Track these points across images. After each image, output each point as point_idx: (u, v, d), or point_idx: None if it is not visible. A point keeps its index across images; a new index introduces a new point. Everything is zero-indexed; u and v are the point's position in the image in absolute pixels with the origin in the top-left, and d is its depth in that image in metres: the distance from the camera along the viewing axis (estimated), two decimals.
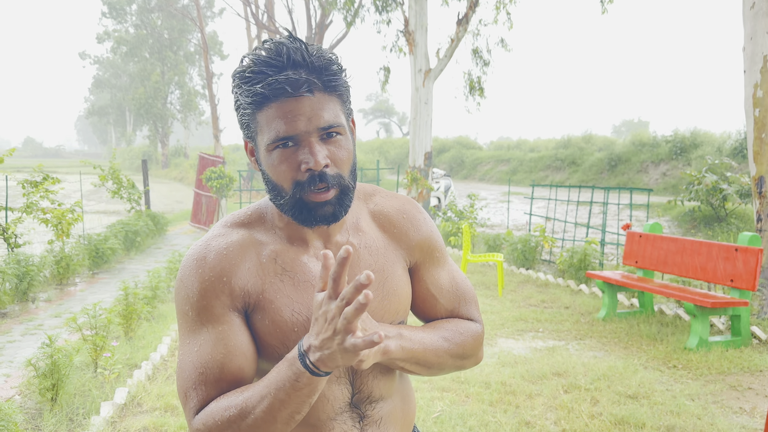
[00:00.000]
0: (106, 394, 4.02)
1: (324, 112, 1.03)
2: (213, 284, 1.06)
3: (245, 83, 1.04)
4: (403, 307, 1.19)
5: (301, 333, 1.08)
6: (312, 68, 1.03)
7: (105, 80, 57.65)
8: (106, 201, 20.49)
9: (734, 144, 18.73)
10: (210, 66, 25.06)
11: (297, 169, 1.04)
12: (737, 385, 4.40)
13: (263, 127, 1.05)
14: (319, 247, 1.14)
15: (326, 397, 1.12)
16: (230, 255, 1.09)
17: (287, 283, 1.10)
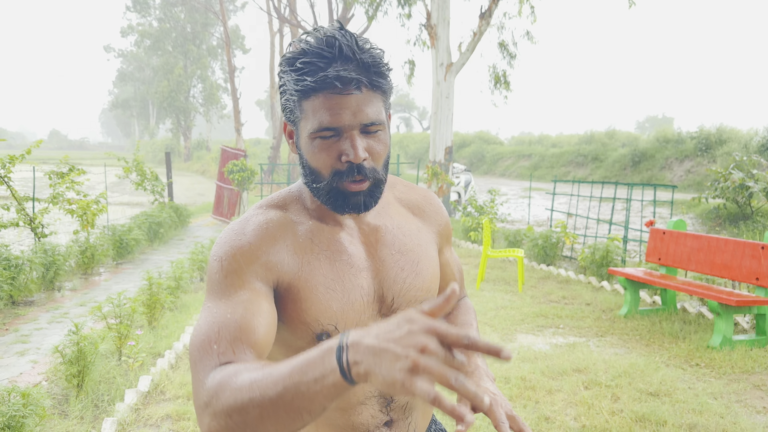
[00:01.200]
0: (130, 382, 4.09)
1: (368, 108, 1.06)
2: (247, 253, 1.06)
3: (295, 71, 1.05)
4: (434, 285, 1.22)
5: (335, 309, 1.09)
6: (361, 65, 1.05)
7: (129, 73, 58.28)
8: (130, 193, 20.75)
9: (761, 141, 18.39)
10: (232, 60, 25.20)
11: (337, 159, 1.07)
12: (761, 385, 4.34)
13: (308, 115, 1.06)
14: (352, 226, 1.16)
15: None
16: (269, 230, 1.10)
17: (323, 261, 1.11)
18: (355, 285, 1.11)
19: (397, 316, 0.77)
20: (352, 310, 1.10)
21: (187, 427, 3.54)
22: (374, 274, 1.14)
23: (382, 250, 1.15)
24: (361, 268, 1.13)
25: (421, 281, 1.18)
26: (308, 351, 0.83)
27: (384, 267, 1.15)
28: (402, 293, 1.15)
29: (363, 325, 1.11)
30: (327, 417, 1.16)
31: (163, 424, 3.61)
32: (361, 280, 1.12)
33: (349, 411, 1.15)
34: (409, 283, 1.16)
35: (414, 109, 70.71)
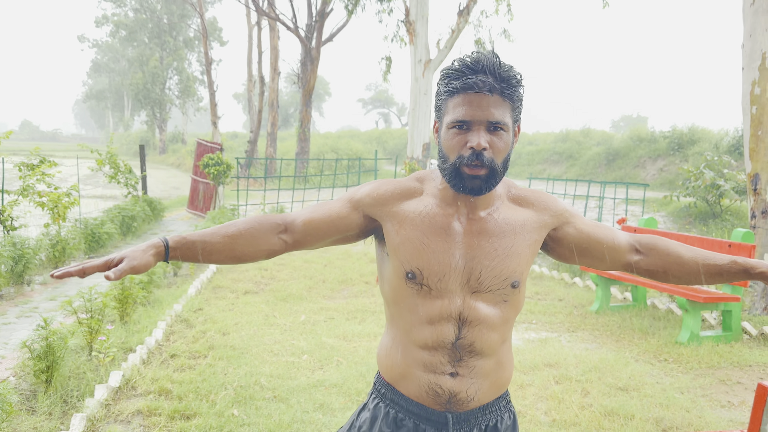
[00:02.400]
0: (100, 377, 4.05)
1: (495, 110, 1.33)
2: (366, 190, 1.48)
3: (447, 78, 1.37)
4: (521, 267, 1.44)
5: (419, 259, 1.39)
6: (498, 77, 1.34)
7: (103, 64, 57.38)
8: (103, 186, 20.44)
9: (731, 141, 18.76)
10: (209, 52, 24.94)
11: (463, 146, 1.35)
12: (726, 380, 4.45)
13: (449, 110, 1.36)
14: (463, 213, 1.44)
15: (437, 329, 1.40)
16: (396, 188, 1.47)
17: (426, 224, 1.41)
18: (446, 251, 1.40)
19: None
20: (437, 266, 1.39)
21: (158, 423, 3.52)
22: (466, 252, 1.41)
23: (481, 237, 1.42)
24: (456, 243, 1.41)
25: (509, 261, 1.42)
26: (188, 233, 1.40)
27: (478, 251, 1.41)
28: (486, 271, 1.40)
29: (446, 282, 1.40)
30: (410, 349, 1.43)
31: (134, 419, 3.58)
32: (454, 251, 1.40)
33: (427, 350, 1.41)
34: (495, 264, 1.41)
35: (393, 105, 70.70)
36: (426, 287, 1.39)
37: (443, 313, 1.39)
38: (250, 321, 5.61)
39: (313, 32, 22.72)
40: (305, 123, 23.21)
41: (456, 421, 1.43)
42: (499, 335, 1.44)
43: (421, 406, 1.44)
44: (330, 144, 28.67)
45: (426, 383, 1.41)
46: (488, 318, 1.41)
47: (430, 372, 1.41)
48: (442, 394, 1.41)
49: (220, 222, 10.40)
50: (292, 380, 4.22)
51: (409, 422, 1.45)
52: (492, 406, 1.48)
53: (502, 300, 1.42)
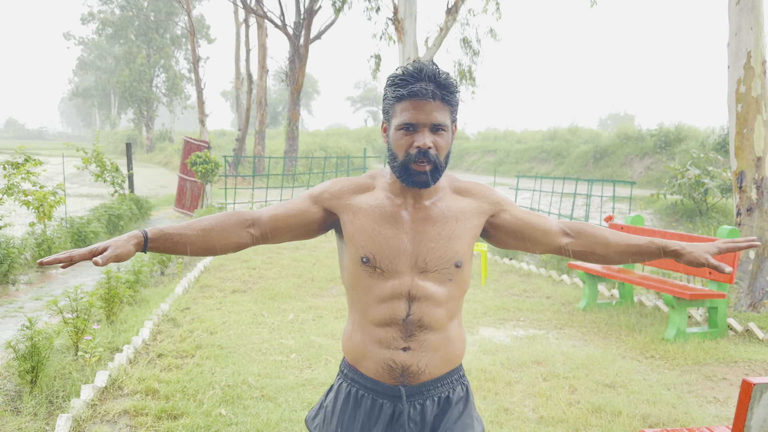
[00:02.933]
0: (86, 377, 4.01)
1: (437, 114, 1.52)
2: (325, 186, 1.65)
3: (394, 85, 1.54)
4: (463, 249, 1.60)
5: (372, 245, 1.56)
6: (438, 84, 1.53)
7: (90, 62, 56.87)
8: (89, 184, 20.28)
9: (717, 139, 18.91)
10: (197, 50, 24.77)
11: (410, 145, 1.53)
12: (712, 376, 4.49)
13: (397, 114, 1.54)
14: (410, 204, 1.61)
15: (390, 307, 1.56)
16: (351, 183, 1.66)
17: (377, 214, 1.59)
18: (395, 237, 1.57)
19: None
20: (388, 250, 1.56)
21: (145, 423, 3.49)
22: (414, 237, 1.57)
23: (426, 223, 1.58)
24: (404, 230, 1.58)
25: (452, 244, 1.58)
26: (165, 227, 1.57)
27: (424, 235, 1.57)
28: (431, 253, 1.56)
29: (396, 264, 1.55)
30: (367, 328, 1.59)
31: (121, 419, 3.56)
32: (402, 236, 1.57)
33: (381, 327, 1.57)
34: (438, 247, 1.57)
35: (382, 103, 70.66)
36: (379, 269, 1.55)
37: (394, 292, 1.55)
38: (238, 320, 5.59)
39: (301, 30, 22.65)
40: (294, 121, 23.15)
41: (409, 394, 1.57)
42: (445, 311, 1.59)
43: (377, 383, 1.59)
44: (319, 142, 28.62)
45: (381, 359, 1.56)
46: (434, 295, 1.56)
47: (384, 348, 1.56)
48: (396, 368, 1.56)
49: None
50: (280, 379, 4.20)
51: (368, 398, 1.61)
52: (444, 379, 1.62)
53: (447, 279, 1.57)
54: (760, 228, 6.24)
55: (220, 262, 8.20)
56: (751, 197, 6.29)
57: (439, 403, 1.61)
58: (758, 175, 6.27)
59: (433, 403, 1.60)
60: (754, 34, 6.30)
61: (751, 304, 6.19)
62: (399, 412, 1.58)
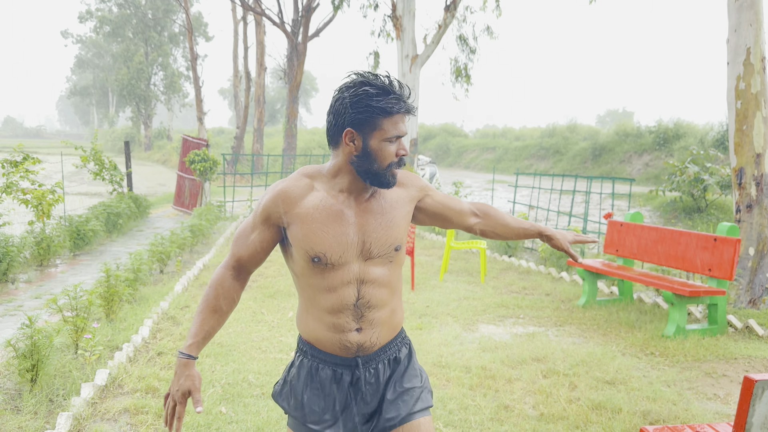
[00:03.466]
0: (86, 376, 4.01)
1: (407, 125, 1.70)
2: (270, 206, 1.76)
3: (382, 99, 1.66)
4: (401, 234, 1.81)
5: (322, 245, 1.70)
6: (408, 99, 1.73)
7: (88, 60, 56.77)
8: (88, 182, 20.26)
9: (716, 135, 18.91)
10: (195, 47, 24.73)
11: (395, 154, 1.72)
12: (712, 372, 4.49)
13: (387, 128, 1.69)
14: (352, 199, 1.76)
15: (341, 295, 1.73)
16: (291, 192, 1.75)
17: (324, 215, 1.72)
18: (343, 233, 1.71)
19: (177, 379, 1.77)
20: (337, 246, 1.71)
21: (146, 421, 3.49)
22: (359, 229, 1.74)
23: (368, 215, 1.76)
24: (350, 224, 1.73)
25: (391, 231, 1.77)
26: (193, 332, 1.79)
27: (367, 227, 1.74)
28: (376, 242, 1.75)
29: (344, 257, 1.72)
30: (320, 315, 1.77)
31: (121, 418, 3.55)
32: (349, 230, 1.73)
33: (334, 314, 1.75)
34: (381, 235, 1.76)
35: None
36: (330, 264, 1.71)
37: (344, 281, 1.73)
38: (237, 318, 5.59)
39: (299, 27, 22.61)
40: (292, 119, 23.12)
41: (364, 362, 1.80)
42: (388, 290, 1.80)
43: (335, 356, 1.79)
44: (317, 140, 28.60)
45: (337, 341, 1.77)
46: (379, 277, 1.76)
47: (339, 332, 1.76)
48: (351, 347, 1.77)
49: (207, 219, 10.34)
50: (280, 377, 4.20)
51: (328, 369, 1.81)
52: (390, 344, 1.85)
53: (388, 261, 1.78)
54: (760, 225, 6.25)
55: (219, 260, 8.19)
56: (750, 194, 6.29)
57: (389, 363, 1.85)
58: (758, 171, 6.27)
59: (384, 366, 1.84)
60: (753, 30, 6.29)
61: (750, 300, 6.19)
62: (356, 377, 1.80)
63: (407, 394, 1.83)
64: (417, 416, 1.81)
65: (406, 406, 1.81)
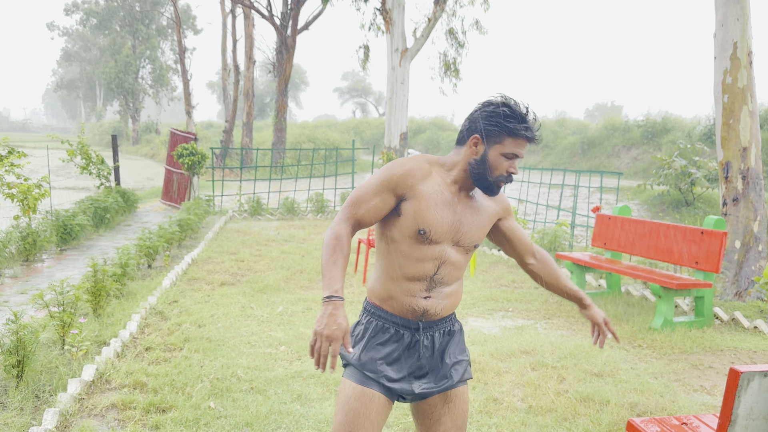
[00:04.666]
0: (73, 371, 3.98)
1: (524, 151, 2.02)
2: (399, 178, 1.97)
3: (517, 120, 1.94)
4: (482, 235, 2.09)
5: (430, 222, 1.95)
6: (536, 130, 1.99)
7: (74, 53, 56.19)
8: (75, 177, 20.10)
9: (703, 129, 19.02)
10: (183, 41, 24.55)
11: (506, 169, 1.98)
12: (699, 364, 4.53)
13: (507, 144, 1.95)
14: (461, 194, 2.04)
15: (424, 266, 1.98)
16: (417, 172, 1.99)
17: (437, 199, 1.98)
18: (447, 217, 1.98)
19: (326, 316, 1.83)
20: (440, 227, 1.97)
21: (134, 416, 3.47)
22: (457, 219, 2.01)
23: (467, 210, 2.04)
24: (453, 212, 2.00)
25: (476, 231, 2.06)
26: (336, 277, 1.90)
27: (464, 218, 2.02)
28: (466, 234, 2.03)
29: (441, 237, 1.97)
30: (399, 281, 2.00)
31: (109, 413, 3.53)
32: (451, 217, 2.00)
33: (412, 281, 2.00)
34: (470, 230, 2.04)
35: (370, 94, 70.46)
36: (429, 239, 1.97)
37: (432, 256, 1.99)
38: (226, 313, 5.57)
39: (288, 20, 22.49)
40: (281, 112, 23.02)
41: (425, 327, 2.05)
42: (459, 272, 2.07)
43: (401, 318, 2.04)
44: (307, 134, 28.50)
45: (407, 303, 2.02)
46: (457, 261, 2.03)
47: (410, 296, 2.01)
48: (418, 311, 2.02)
49: (195, 213, 10.29)
50: (269, 371, 4.19)
51: (391, 328, 2.04)
52: (448, 318, 2.11)
53: (466, 252, 2.05)
54: (746, 218, 6.30)
55: (208, 255, 8.16)
56: (737, 187, 6.34)
57: (443, 334, 2.10)
58: (744, 165, 6.32)
59: (440, 335, 2.08)
60: (740, 25, 6.33)
61: (736, 293, 6.25)
62: (416, 340, 2.04)
63: (459, 364, 2.11)
64: (461, 384, 2.11)
65: (458, 374, 2.09)
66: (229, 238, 9.64)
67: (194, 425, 3.39)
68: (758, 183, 6.33)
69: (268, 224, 11.55)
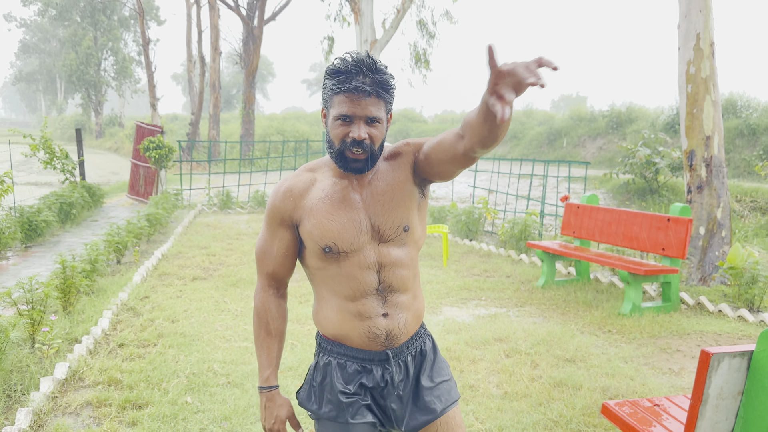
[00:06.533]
0: (45, 370, 3.91)
1: (372, 108, 1.62)
2: (279, 206, 1.74)
3: (333, 76, 1.63)
4: (407, 214, 1.73)
5: (330, 234, 1.67)
6: (374, 81, 1.61)
7: (33, 45, 54.67)
8: (38, 172, 19.62)
9: (667, 119, 19.43)
10: (146, 32, 24.08)
11: (346, 135, 1.64)
12: (667, 348, 4.66)
13: (335, 105, 1.64)
14: (355, 183, 1.72)
15: (361, 281, 1.68)
16: (295, 190, 1.74)
17: (328, 204, 1.70)
18: (350, 218, 1.68)
19: (265, 409, 1.79)
20: (347, 233, 1.67)
21: (109, 413, 3.43)
22: (366, 213, 1.70)
23: (374, 197, 1.71)
24: (357, 209, 1.70)
25: (396, 213, 1.71)
26: (264, 363, 1.80)
27: (373, 207, 1.70)
28: (384, 224, 1.70)
29: (357, 243, 1.68)
30: (342, 305, 1.70)
31: (83, 411, 3.49)
32: (357, 215, 1.69)
33: (357, 301, 1.70)
34: (387, 216, 1.71)
35: None
36: (343, 253, 1.68)
37: (362, 266, 1.68)
38: (199, 307, 5.52)
39: (254, 11, 22.23)
40: (249, 104, 22.79)
41: (394, 355, 1.74)
42: (409, 271, 1.75)
43: (365, 351, 1.73)
44: (275, 126, 28.27)
45: (365, 330, 1.70)
46: (398, 260, 1.71)
47: (365, 319, 1.70)
48: (380, 335, 1.70)
49: (163, 208, 10.15)
50: (246, 365, 4.18)
51: (356, 365, 1.73)
52: (416, 335, 1.81)
53: (402, 243, 1.73)
54: (710, 205, 6.47)
55: (178, 250, 8.06)
56: (701, 175, 6.51)
57: (415, 356, 1.80)
58: (707, 153, 6.49)
59: (412, 359, 1.79)
60: (702, 16, 6.47)
61: (701, 278, 6.43)
62: (389, 373, 1.74)
63: (439, 388, 1.80)
64: (450, 408, 1.80)
65: (441, 402, 1.78)
66: (200, 233, 9.54)
67: (172, 420, 3.37)
68: (721, 171, 6.50)
69: (238, 218, 11.45)
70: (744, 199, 11.79)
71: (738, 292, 5.70)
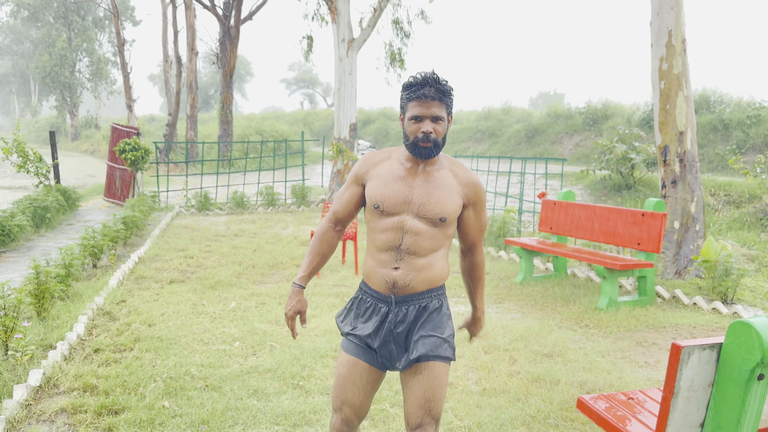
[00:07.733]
0: (18, 377, 3.85)
1: (436, 109, 2.18)
2: (359, 168, 2.35)
3: (408, 88, 2.20)
4: (447, 209, 2.22)
5: (381, 196, 2.23)
6: (437, 89, 2.17)
7: (5, 46, 53.73)
8: (11, 176, 19.30)
9: (642, 115, 19.65)
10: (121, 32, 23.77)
11: (418, 130, 2.18)
12: (643, 341, 4.71)
13: (410, 109, 2.20)
14: (417, 169, 2.25)
15: (389, 237, 2.21)
16: (373, 159, 2.36)
17: (389, 176, 2.27)
18: (398, 190, 2.22)
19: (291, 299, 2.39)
20: (393, 199, 2.21)
21: (85, 420, 3.38)
22: (414, 192, 2.22)
23: (426, 183, 2.23)
24: (409, 186, 2.23)
25: (436, 202, 2.21)
26: (305, 267, 2.40)
27: (421, 190, 2.22)
28: (423, 205, 2.20)
29: (397, 209, 2.21)
30: (374, 254, 2.26)
31: (58, 418, 3.43)
32: (405, 190, 2.22)
33: (382, 252, 2.24)
34: (427, 202, 2.21)
35: (318, 85, 69.86)
36: (385, 212, 2.22)
37: (395, 227, 2.21)
38: (177, 311, 5.47)
39: (231, 10, 22.06)
40: (227, 104, 22.62)
41: (397, 301, 2.24)
42: (430, 243, 2.22)
43: (377, 292, 2.27)
44: (254, 126, 28.08)
45: (381, 275, 2.24)
46: (423, 232, 2.20)
47: (383, 267, 2.23)
48: (389, 281, 2.22)
49: (140, 210, 10.03)
50: (224, 368, 4.15)
51: (371, 301, 2.29)
52: (424, 294, 2.25)
53: (433, 225, 2.21)
54: (684, 199, 6.56)
55: (155, 253, 7.98)
56: (674, 170, 6.59)
57: (417, 309, 2.24)
58: (681, 148, 6.57)
59: (414, 309, 2.24)
60: (674, 13, 6.56)
61: (676, 272, 6.52)
62: (390, 312, 2.24)
63: (427, 339, 2.21)
64: (433, 359, 2.20)
65: (422, 348, 2.19)
66: (177, 235, 9.45)
67: (149, 426, 3.33)
68: (694, 166, 6.60)
69: (217, 219, 11.36)
70: (718, 193, 11.97)
71: (712, 285, 5.78)
